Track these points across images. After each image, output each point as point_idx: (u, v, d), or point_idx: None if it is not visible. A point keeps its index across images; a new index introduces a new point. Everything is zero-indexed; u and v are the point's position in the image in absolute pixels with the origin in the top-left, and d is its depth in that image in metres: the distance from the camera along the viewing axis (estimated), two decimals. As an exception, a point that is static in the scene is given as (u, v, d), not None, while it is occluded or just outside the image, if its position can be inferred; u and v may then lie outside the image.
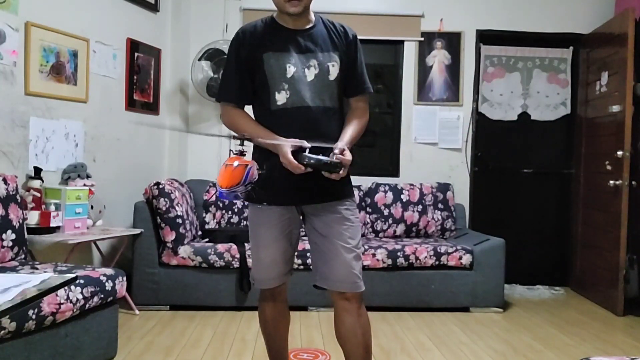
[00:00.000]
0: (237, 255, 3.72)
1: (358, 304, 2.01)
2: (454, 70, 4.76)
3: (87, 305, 2.51)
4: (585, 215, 4.54)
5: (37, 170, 3.25)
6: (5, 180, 2.81)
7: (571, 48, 4.83)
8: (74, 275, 1.52)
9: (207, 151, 4.72)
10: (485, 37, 4.79)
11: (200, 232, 4.10)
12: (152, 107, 4.38)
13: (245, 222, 4.23)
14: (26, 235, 2.93)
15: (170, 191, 3.73)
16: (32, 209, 3.15)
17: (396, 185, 4.48)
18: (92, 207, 3.54)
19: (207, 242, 3.89)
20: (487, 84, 4.86)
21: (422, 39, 4.74)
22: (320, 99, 1.97)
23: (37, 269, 2.63)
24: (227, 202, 4.26)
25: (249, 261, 3.62)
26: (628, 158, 3.88)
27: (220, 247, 3.75)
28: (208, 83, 4.36)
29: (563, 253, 4.87)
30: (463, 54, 4.76)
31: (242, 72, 1.99)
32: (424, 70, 4.76)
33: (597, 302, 4.24)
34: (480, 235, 4.17)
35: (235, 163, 1.80)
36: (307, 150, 1.86)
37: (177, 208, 3.72)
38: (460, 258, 3.88)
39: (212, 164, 4.71)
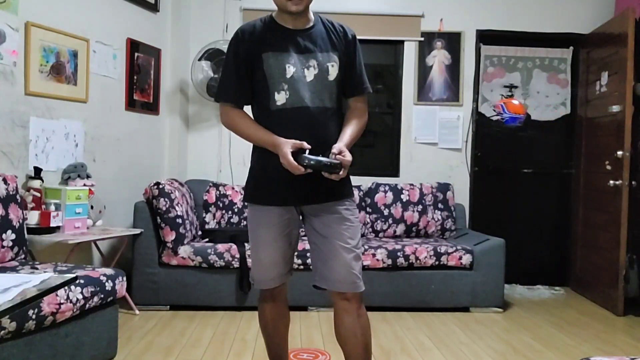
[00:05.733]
0: (237, 255, 3.72)
1: (358, 304, 2.00)
2: (454, 70, 4.76)
3: (87, 305, 2.51)
4: (585, 215, 4.54)
5: (37, 170, 3.25)
6: (5, 180, 2.81)
7: (571, 48, 4.83)
8: (74, 275, 1.52)
9: (207, 151, 4.72)
10: (485, 37, 4.79)
11: (200, 232, 4.09)
12: (152, 107, 4.38)
13: (245, 222, 4.23)
14: (26, 235, 2.93)
15: (170, 191, 3.73)
16: (32, 209, 3.15)
17: (396, 185, 4.48)
18: (92, 207, 3.54)
19: (207, 242, 3.89)
20: (487, 84, 4.86)
21: (422, 39, 4.74)
22: (319, 100, 1.97)
23: (37, 269, 2.63)
24: (227, 202, 4.26)
25: (249, 261, 3.62)
26: (628, 158, 3.88)
27: (220, 247, 3.76)
28: (208, 83, 4.36)
29: (563, 253, 4.86)
30: (463, 54, 4.76)
31: (241, 72, 1.98)
32: (424, 70, 4.76)
33: (597, 302, 4.24)
34: (480, 235, 4.17)
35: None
36: (307, 152, 1.86)
37: (177, 208, 3.72)
38: (460, 258, 3.88)
39: (212, 164, 4.71)
